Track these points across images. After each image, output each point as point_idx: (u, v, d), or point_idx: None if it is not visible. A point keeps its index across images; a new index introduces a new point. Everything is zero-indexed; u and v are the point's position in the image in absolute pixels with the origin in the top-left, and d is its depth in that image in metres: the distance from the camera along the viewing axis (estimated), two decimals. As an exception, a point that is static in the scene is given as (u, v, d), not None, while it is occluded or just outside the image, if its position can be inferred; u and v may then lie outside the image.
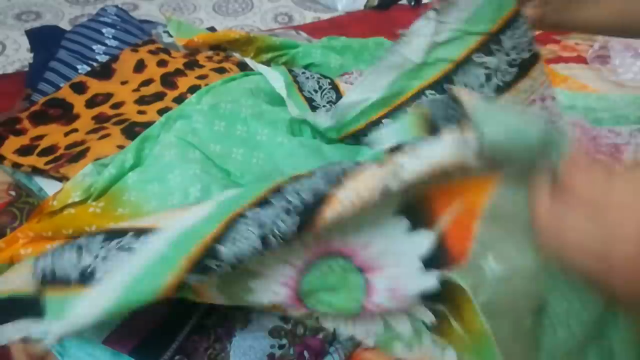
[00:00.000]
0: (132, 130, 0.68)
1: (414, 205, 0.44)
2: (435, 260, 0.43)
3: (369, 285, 0.46)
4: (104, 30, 0.89)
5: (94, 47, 0.86)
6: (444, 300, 0.45)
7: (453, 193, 0.43)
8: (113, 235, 0.45)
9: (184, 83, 0.79)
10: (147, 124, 0.67)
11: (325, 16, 1.18)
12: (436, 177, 0.41)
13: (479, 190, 0.43)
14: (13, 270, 0.49)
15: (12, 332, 0.47)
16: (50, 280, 0.46)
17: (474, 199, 0.43)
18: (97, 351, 0.50)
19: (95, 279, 0.43)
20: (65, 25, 1.06)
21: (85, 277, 0.44)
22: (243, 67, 0.83)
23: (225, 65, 0.83)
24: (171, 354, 0.51)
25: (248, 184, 0.61)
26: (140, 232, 0.44)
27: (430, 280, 0.44)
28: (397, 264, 0.45)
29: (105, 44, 0.87)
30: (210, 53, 0.86)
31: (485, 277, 0.42)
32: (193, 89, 0.76)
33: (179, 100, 0.74)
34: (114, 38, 0.88)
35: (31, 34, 0.92)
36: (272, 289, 0.46)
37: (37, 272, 0.46)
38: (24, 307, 0.47)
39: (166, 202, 0.56)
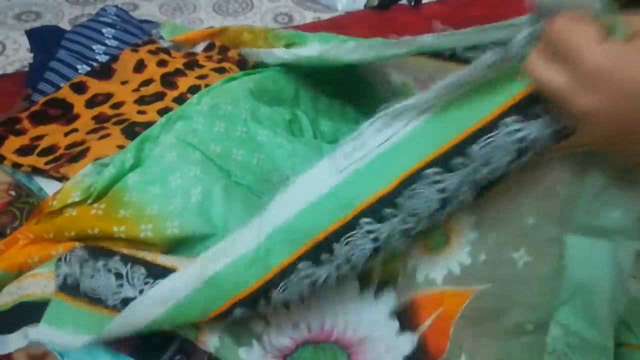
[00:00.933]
0: (132, 130, 0.68)
1: (405, 310, 0.49)
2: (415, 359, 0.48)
3: None
4: (104, 30, 0.89)
5: (94, 47, 0.86)
6: None
7: (437, 301, 0.48)
8: (156, 273, 0.49)
9: (184, 83, 0.79)
10: (147, 124, 0.67)
11: (325, 16, 1.18)
12: None
13: (458, 298, 0.47)
14: (26, 277, 0.51)
15: (18, 340, 0.47)
16: (73, 290, 0.48)
17: (452, 305, 0.47)
18: (97, 351, 0.50)
19: None
20: (65, 25, 1.06)
21: None
22: (243, 66, 0.83)
23: (225, 65, 0.83)
24: (171, 354, 0.51)
25: (249, 183, 0.61)
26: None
27: None
28: None
29: (105, 44, 0.87)
30: (210, 53, 0.86)
31: None
32: (193, 89, 0.75)
33: (179, 100, 0.74)
34: (114, 38, 0.88)
35: (31, 34, 0.92)
36: None
37: (59, 279, 0.48)
38: (31, 312, 0.48)
39: (168, 205, 0.56)
